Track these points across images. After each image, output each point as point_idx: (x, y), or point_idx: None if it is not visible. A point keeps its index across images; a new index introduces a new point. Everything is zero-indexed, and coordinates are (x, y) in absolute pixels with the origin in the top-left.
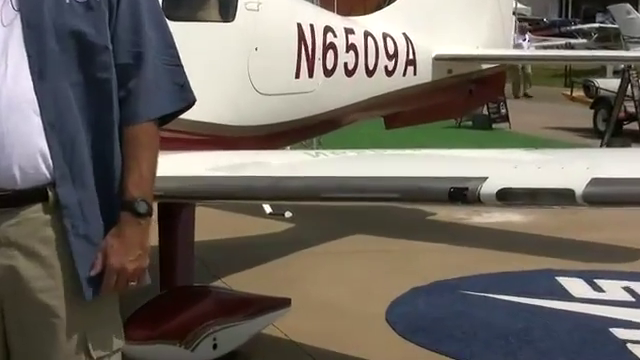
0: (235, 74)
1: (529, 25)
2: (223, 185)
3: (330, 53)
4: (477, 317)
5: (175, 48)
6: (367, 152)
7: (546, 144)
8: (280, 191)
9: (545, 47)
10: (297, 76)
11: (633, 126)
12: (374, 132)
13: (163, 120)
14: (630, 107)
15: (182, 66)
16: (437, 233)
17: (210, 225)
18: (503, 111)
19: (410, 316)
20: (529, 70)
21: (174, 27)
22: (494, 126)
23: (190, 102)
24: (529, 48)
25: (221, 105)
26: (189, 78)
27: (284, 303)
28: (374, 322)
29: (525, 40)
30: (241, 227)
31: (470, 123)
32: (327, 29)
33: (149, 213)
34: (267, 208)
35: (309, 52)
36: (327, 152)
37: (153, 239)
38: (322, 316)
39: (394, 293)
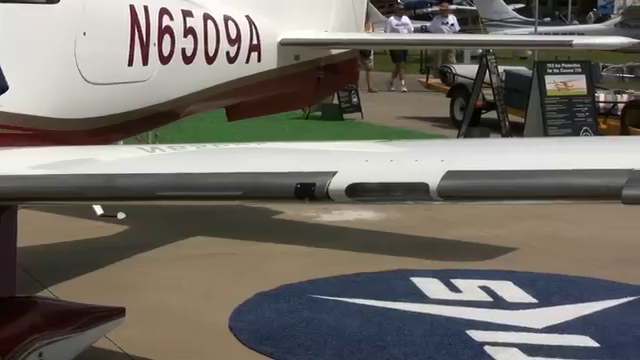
0: (60, 61)
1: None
2: (49, 185)
3: (166, 38)
4: (327, 323)
5: None
6: (208, 146)
7: (400, 135)
8: (112, 190)
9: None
10: (130, 63)
11: (492, 115)
12: (215, 125)
13: None
14: (489, 95)
15: None
16: (284, 233)
17: (35, 229)
18: (355, 100)
19: (255, 323)
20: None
21: None
22: (345, 116)
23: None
24: (410, 32)
25: (44, 96)
26: (3, 64)
27: (118, 313)
28: (217, 331)
29: (401, 23)
30: (70, 230)
31: (319, 113)
32: (163, 11)
33: None
34: (98, 209)
35: (143, 37)
36: (164, 147)
37: None
38: (160, 326)
39: (238, 299)
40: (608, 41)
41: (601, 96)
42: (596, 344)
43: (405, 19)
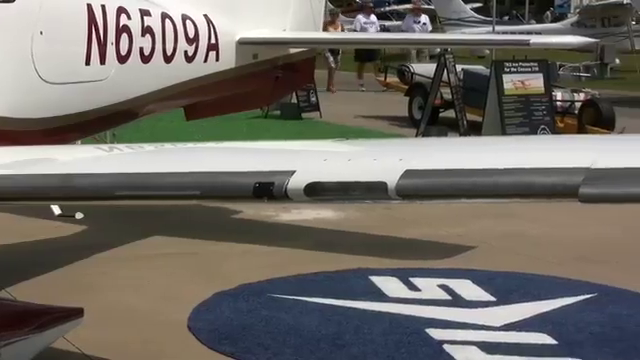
0: (16, 60)
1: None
2: (4, 185)
3: (124, 37)
4: (286, 322)
5: None
6: (166, 146)
7: (358, 134)
8: (69, 190)
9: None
10: (87, 62)
11: (450, 113)
12: (174, 124)
13: None
14: (447, 94)
15: None
16: (243, 233)
17: None
18: (313, 99)
19: (214, 323)
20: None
21: None
22: (304, 116)
23: None
24: (377, 30)
25: (0, 95)
26: None
27: (76, 313)
28: (176, 330)
29: (370, 21)
30: (27, 231)
31: (278, 113)
32: (120, 10)
33: None
34: (56, 209)
35: (100, 36)
36: (122, 146)
37: None
38: (119, 326)
39: (197, 299)
40: (565, 40)
41: (558, 95)
42: (554, 341)
43: (373, 17)
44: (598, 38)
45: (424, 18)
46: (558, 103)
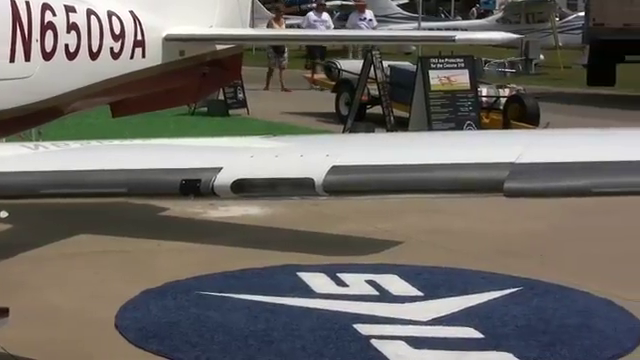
0: None
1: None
2: None
3: (49, 34)
4: (214, 319)
5: None
6: (92, 143)
7: (286, 131)
8: None
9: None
10: (12, 60)
11: (377, 110)
12: (100, 121)
13: None
14: (373, 90)
15: None
16: (171, 230)
17: None
18: (240, 96)
19: (142, 321)
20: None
21: None
22: (231, 112)
23: None
24: (329, 28)
25: None
26: None
27: (1, 313)
28: (103, 329)
29: (321, 20)
30: None
31: (205, 109)
32: (45, 7)
33: None
34: None
35: (25, 33)
36: (47, 144)
37: None
38: (45, 325)
39: (124, 297)
40: (490, 36)
41: (484, 90)
42: (480, 335)
43: (325, 16)
44: (523, 34)
45: (369, 14)
46: (484, 99)
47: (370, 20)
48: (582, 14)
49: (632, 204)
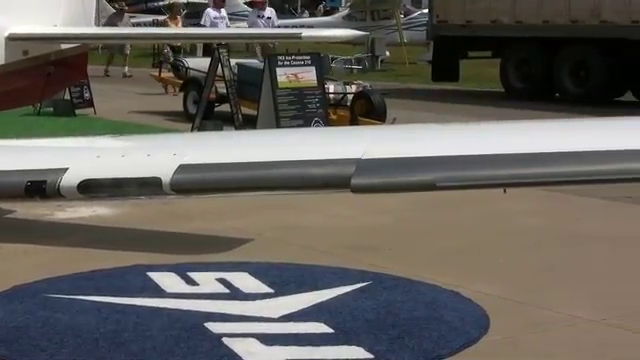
0: None
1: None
2: None
3: None
4: (63, 322)
5: None
6: None
7: (133, 130)
8: None
9: (134, 24)
10: None
11: (226, 107)
12: None
13: None
14: (222, 88)
15: None
16: (17, 233)
17: None
18: (87, 95)
19: None
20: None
21: None
22: (77, 112)
23: None
24: (228, 26)
25: None
26: None
27: None
28: None
29: (220, 17)
30: None
31: (51, 110)
32: None
33: None
34: None
35: None
36: None
37: None
38: None
39: None
40: (335, 33)
41: (331, 87)
42: (330, 330)
43: (224, 12)
44: (369, 31)
45: (269, 12)
46: (331, 95)
47: (269, 18)
48: (426, 11)
49: (476, 198)
